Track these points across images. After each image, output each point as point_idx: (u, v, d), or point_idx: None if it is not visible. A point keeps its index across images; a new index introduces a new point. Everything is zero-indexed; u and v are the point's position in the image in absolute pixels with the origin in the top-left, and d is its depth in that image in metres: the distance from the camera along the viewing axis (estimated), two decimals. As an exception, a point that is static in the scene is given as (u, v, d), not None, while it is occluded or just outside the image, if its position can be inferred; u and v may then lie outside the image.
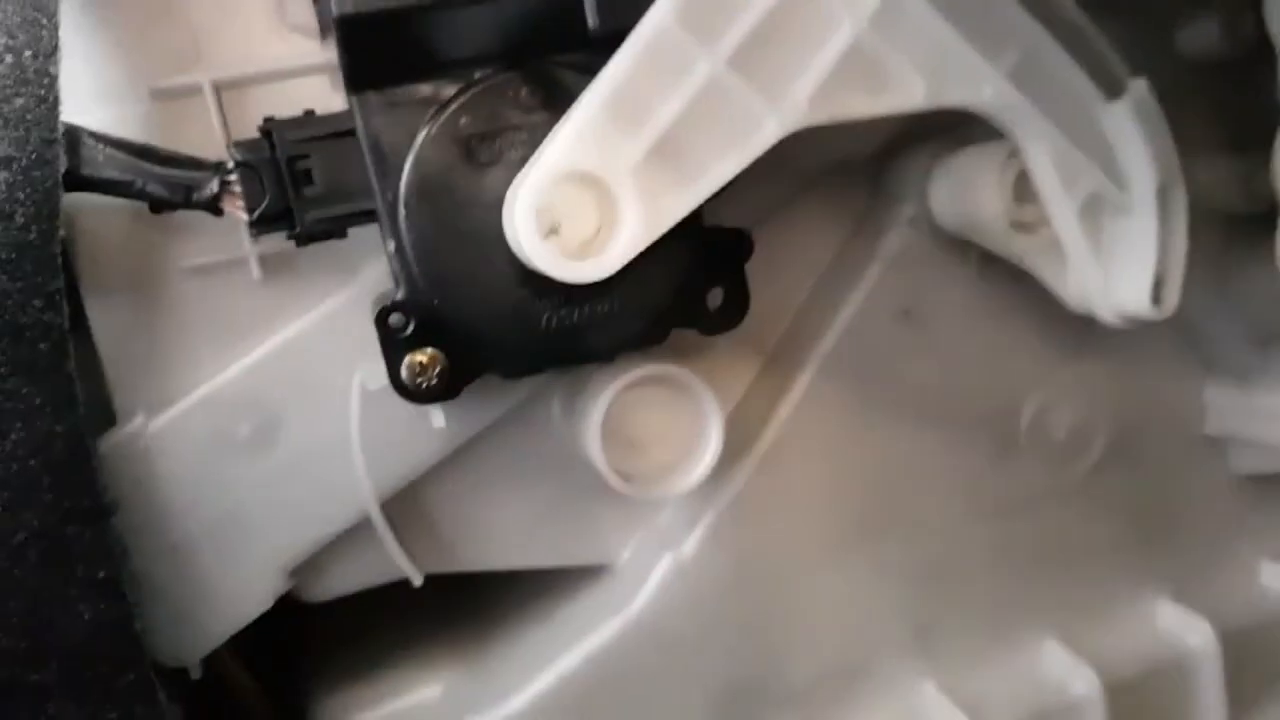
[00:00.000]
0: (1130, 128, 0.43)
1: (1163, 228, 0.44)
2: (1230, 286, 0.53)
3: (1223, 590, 0.58)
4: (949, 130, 0.51)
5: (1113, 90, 0.43)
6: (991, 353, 0.53)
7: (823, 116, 0.40)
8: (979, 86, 0.42)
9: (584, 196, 0.39)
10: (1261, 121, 0.49)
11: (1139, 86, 0.43)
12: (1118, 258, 0.45)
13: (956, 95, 0.42)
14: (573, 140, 0.38)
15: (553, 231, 0.39)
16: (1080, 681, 0.54)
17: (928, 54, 0.41)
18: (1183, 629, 0.56)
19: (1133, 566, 0.57)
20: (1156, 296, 0.44)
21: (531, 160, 0.39)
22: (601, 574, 0.52)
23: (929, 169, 0.50)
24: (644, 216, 0.39)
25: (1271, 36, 0.47)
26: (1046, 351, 0.53)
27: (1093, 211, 0.45)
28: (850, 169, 0.52)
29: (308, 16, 0.46)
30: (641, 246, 0.39)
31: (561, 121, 0.39)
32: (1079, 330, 0.53)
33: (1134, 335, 0.54)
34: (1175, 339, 0.55)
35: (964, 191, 0.48)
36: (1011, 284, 0.50)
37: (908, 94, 0.41)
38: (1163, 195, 0.44)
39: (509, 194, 0.40)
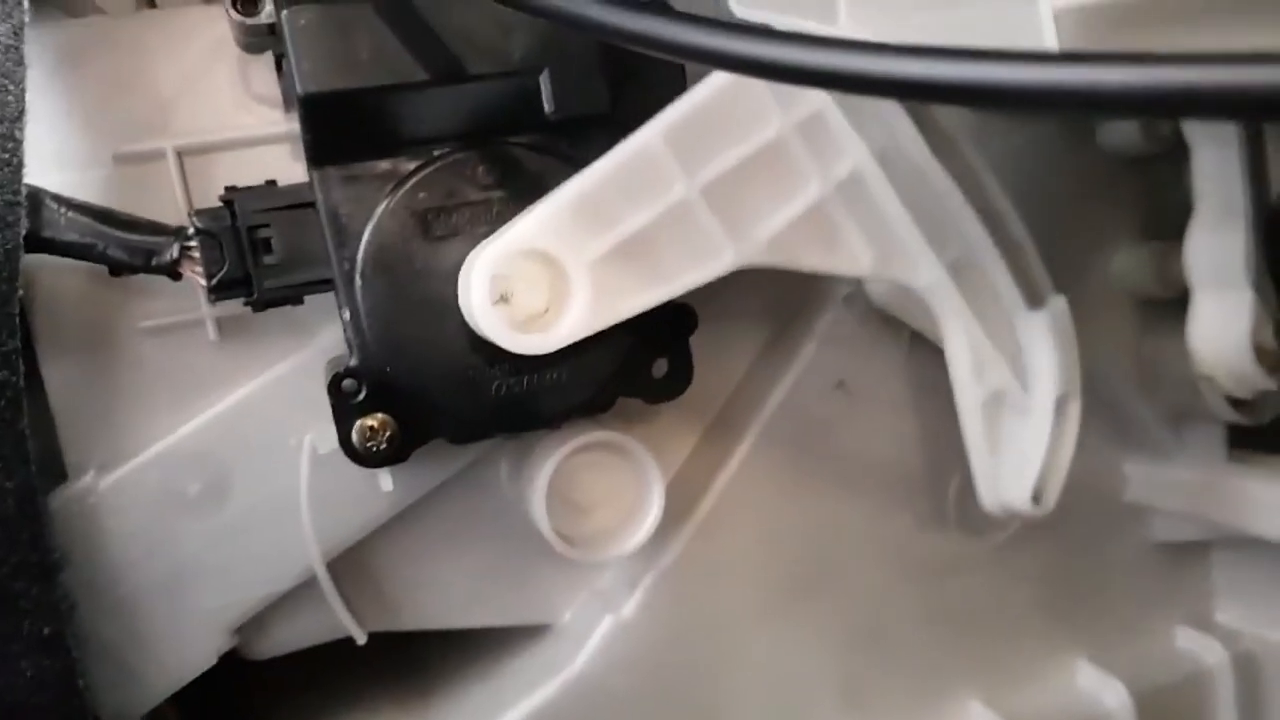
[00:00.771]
0: (1044, 338, 0.46)
1: (1055, 434, 0.47)
2: (1146, 367, 0.56)
3: (1139, 653, 0.60)
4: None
5: (1035, 301, 0.47)
6: (921, 425, 0.55)
7: (777, 260, 0.43)
8: (919, 270, 0.45)
9: (539, 274, 0.41)
10: (1176, 213, 0.52)
11: (1058, 303, 0.47)
12: (1009, 453, 0.48)
13: (898, 272, 0.45)
14: (541, 222, 0.40)
15: (503, 299, 0.41)
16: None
17: (881, 230, 0.44)
18: (1100, 690, 0.58)
19: (1054, 630, 0.59)
20: (1037, 497, 0.47)
21: (498, 233, 0.41)
22: (544, 633, 0.53)
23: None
24: (593, 308, 0.41)
25: (1185, 136, 0.50)
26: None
27: (994, 406, 0.48)
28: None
29: (271, 88, 0.47)
30: (583, 334, 0.41)
31: (537, 204, 0.41)
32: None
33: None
34: (1095, 415, 0.58)
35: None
36: (941, 361, 0.52)
37: (855, 260, 0.44)
38: (1061, 405, 0.47)
39: (469, 260, 0.42)
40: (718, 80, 0.42)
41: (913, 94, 0.27)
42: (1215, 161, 0.47)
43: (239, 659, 0.49)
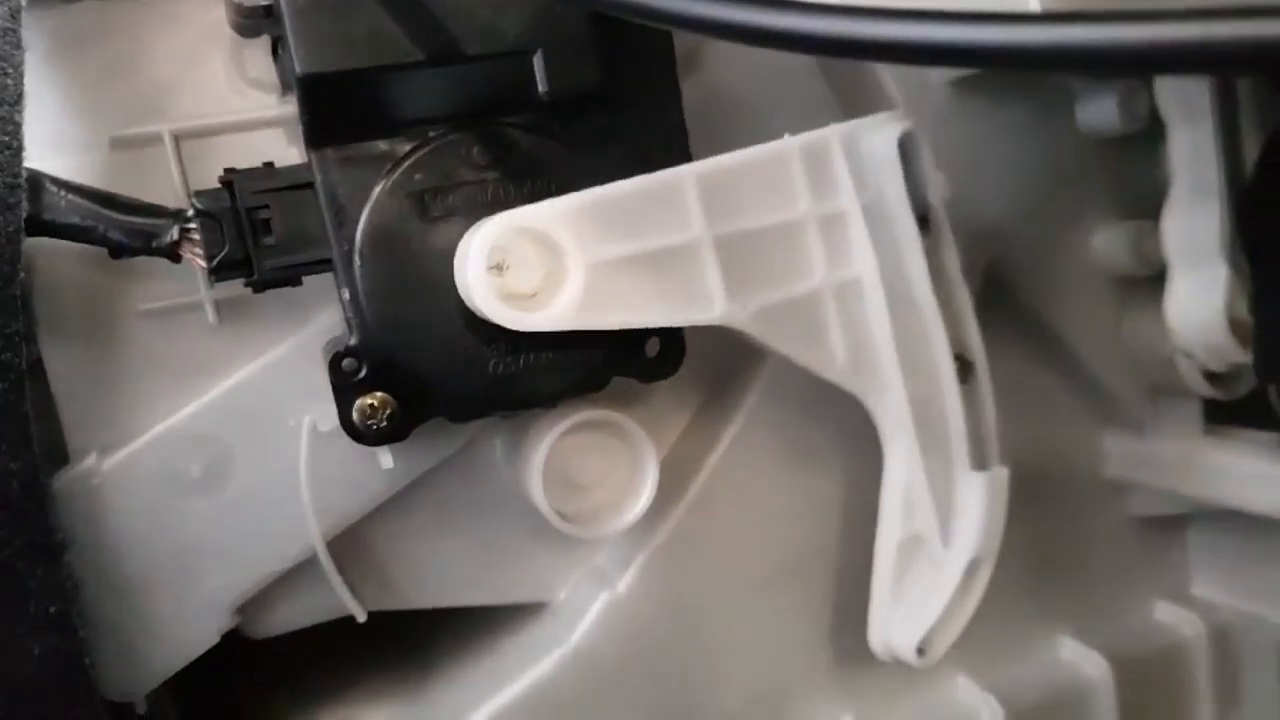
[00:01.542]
0: (979, 500, 0.48)
1: (959, 594, 0.49)
2: (1124, 342, 0.58)
3: (1119, 626, 0.62)
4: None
5: (980, 463, 0.48)
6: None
7: (759, 332, 0.45)
8: (886, 393, 0.47)
9: (537, 258, 0.42)
10: (1153, 192, 0.54)
11: (1001, 473, 0.48)
12: (910, 599, 0.49)
13: (864, 386, 0.47)
14: (558, 210, 0.41)
15: (496, 269, 0.41)
16: (986, 711, 0.57)
17: (862, 342, 0.46)
18: (1080, 661, 0.60)
19: (1036, 604, 0.60)
20: (923, 649, 0.49)
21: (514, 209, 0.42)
22: (540, 611, 0.54)
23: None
24: (577, 307, 0.42)
25: (1162, 114, 0.51)
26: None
27: (911, 548, 0.49)
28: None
29: (266, 72, 0.48)
30: (559, 328, 0.42)
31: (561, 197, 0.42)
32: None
33: (1037, 386, 0.58)
34: (1076, 392, 0.59)
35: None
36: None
37: (829, 361, 0.46)
38: (973, 567, 0.49)
39: (465, 237, 0.43)
40: (763, 149, 0.44)
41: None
42: (1190, 139, 0.49)
43: (240, 638, 0.49)
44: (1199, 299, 0.50)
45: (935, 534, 0.48)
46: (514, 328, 0.41)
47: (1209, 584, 0.64)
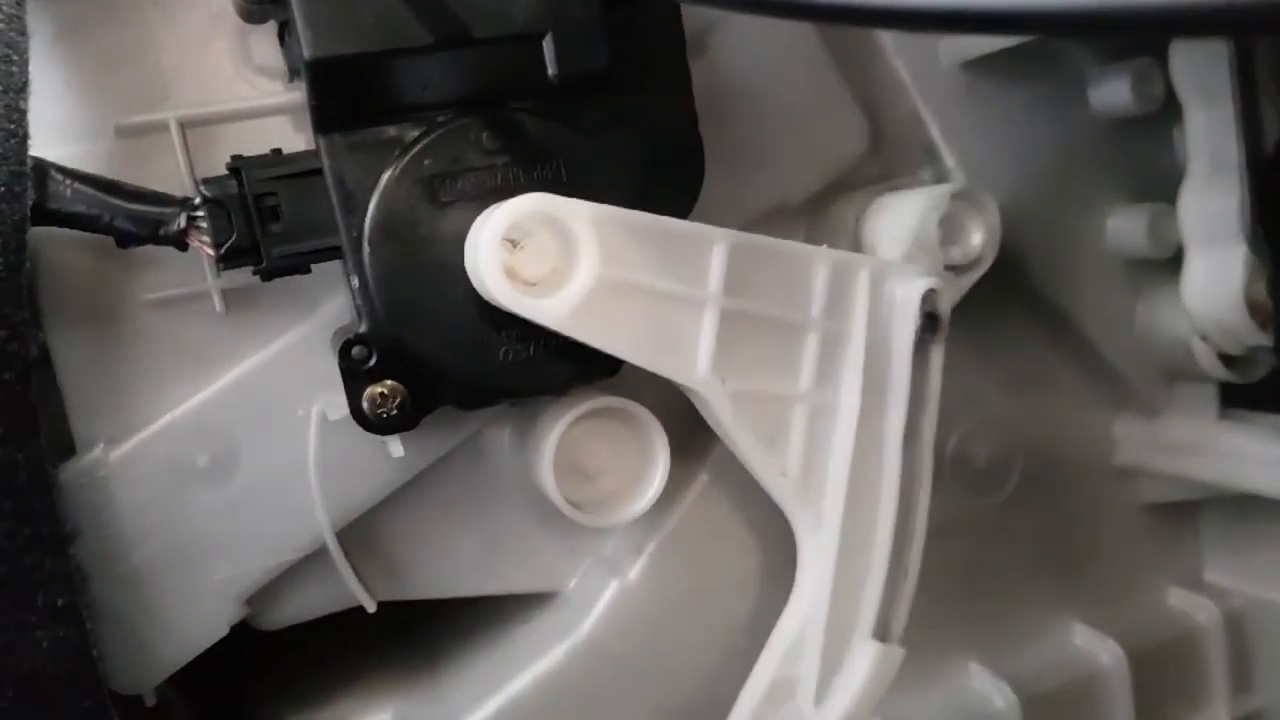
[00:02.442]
0: (866, 669, 0.47)
1: None
2: (1139, 326, 0.57)
3: (1133, 612, 0.62)
4: (879, 180, 0.54)
5: (882, 634, 0.48)
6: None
7: (723, 414, 0.45)
8: (815, 526, 0.47)
9: (552, 251, 0.42)
10: (1168, 175, 0.53)
11: (896, 651, 0.48)
12: None
13: (799, 503, 0.47)
14: (594, 213, 0.41)
15: (511, 245, 0.41)
16: (1000, 698, 0.57)
17: (817, 467, 0.47)
18: (1094, 648, 0.59)
19: (1048, 590, 0.60)
20: None
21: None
22: (550, 600, 0.53)
23: (859, 214, 0.53)
24: (572, 311, 0.41)
25: (1178, 94, 0.51)
26: (971, 384, 0.56)
27: (782, 690, 0.48)
28: (787, 212, 0.55)
29: (272, 59, 0.47)
30: (548, 323, 0.41)
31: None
32: (999, 366, 0.56)
33: (1049, 371, 0.58)
34: (1089, 375, 0.59)
35: (893, 232, 0.51)
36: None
37: (778, 473, 0.46)
38: None
39: (486, 212, 0.42)
40: (797, 246, 0.45)
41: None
42: (1208, 118, 0.48)
43: (249, 629, 0.49)
44: (1216, 280, 0.50)
45: (811, 687, 0.47)
46: (504, 304, 0.41)
47: (1222, 570, 0.63)
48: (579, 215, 0.41)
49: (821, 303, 0.45)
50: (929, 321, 0.46)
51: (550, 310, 0.41)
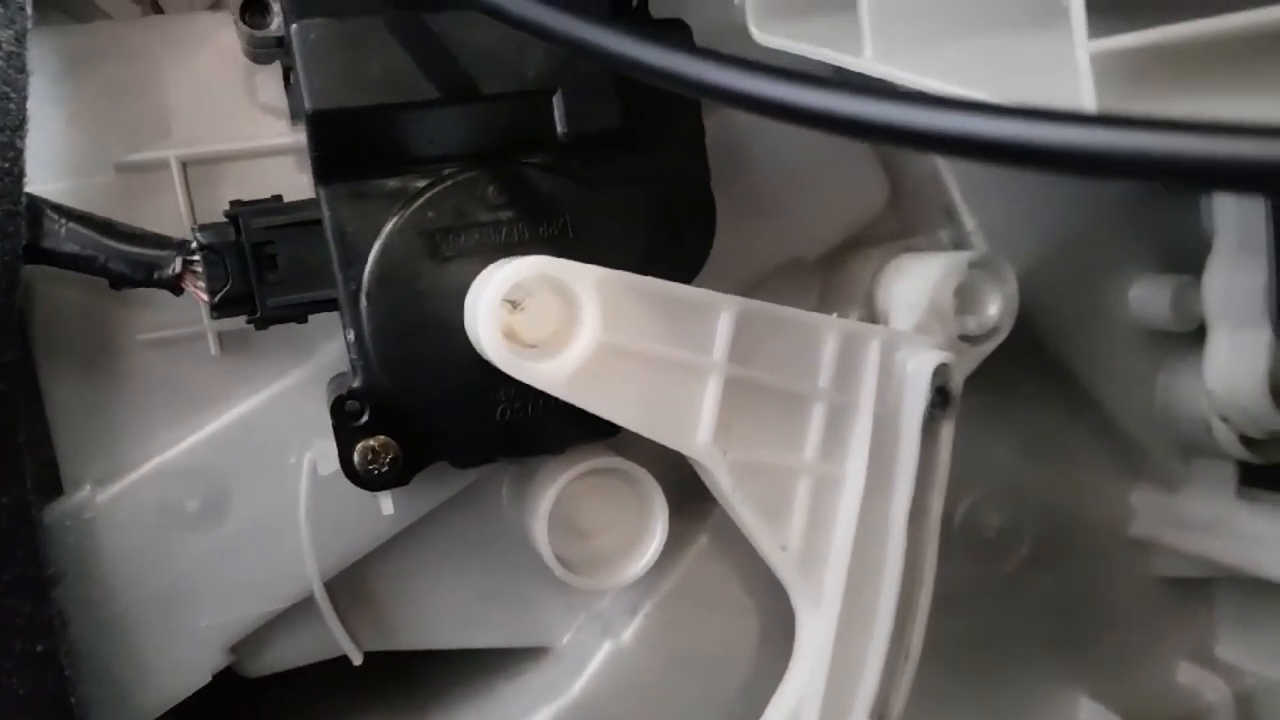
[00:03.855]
0: None
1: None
2: (1159, 399, 0.55)
3: (1141, 688, 0.60)
4: (896, 237, 0.53)
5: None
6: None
7: (724, 486, 0.44)
8: (815, 603, 0.45)
9: (554, 312, 0.41)
10: (1195, 246, 0.52)
11: None
12: None
13: (802, 590, 0.45)
14: (598, 276, 0.40)
15: (512, 306, 0.40)
16: (1002, 772, 0.56)
17: (821, 543, 0.45)
18: (1101, 726, 0.58)
19: (1055, 663, 0.59)
20: None
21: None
22: (542, 656, 0.52)
23: (875, 275, 0.52)
24: (571, 376, 0.40)
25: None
26: (982, 450, 0.55)
27: None
28: (802, 268, 0.53)
29: (277, 98, 0.46)
30: (545, 387, 0.40)
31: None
32: (1012, 432, 0.55)
33: (1065, 439, 0.56)
34: (1104, 446, 0.57)
35: (908, 298, 0.50)
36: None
37: (778, 547, 0.45)
38: None
39: (486, 271, 0.41)
40: (806, 315, 0.44)
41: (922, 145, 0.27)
42: (1238, 197, 0.46)
43: (234, 676, 0.48)
44: (1240, 362, 0.48)
45: None
46: (503, 367, 0.40)
47: (1234, 647, 0.62)
48: (582, 278, 0.40)
49: (830, 373, 0.44)
50: (940, 396, 0.45)
51: (549, 375, 0.40)
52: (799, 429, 0.44)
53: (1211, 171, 0.20)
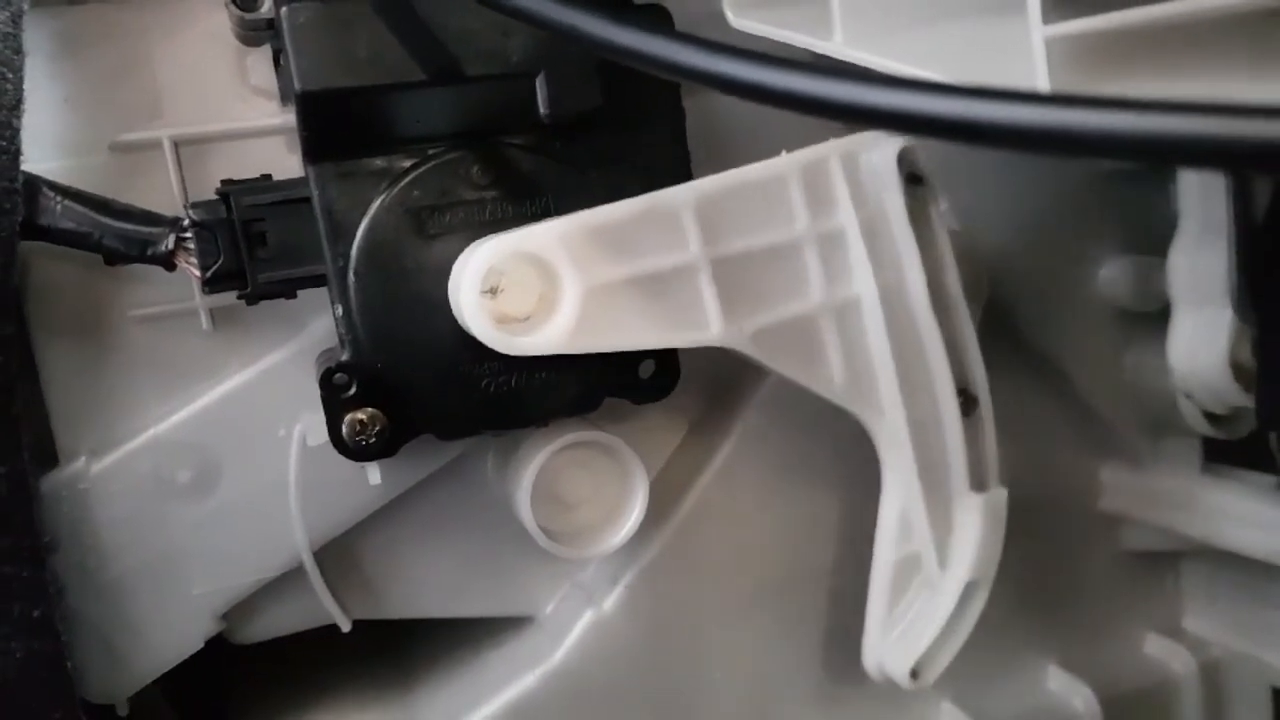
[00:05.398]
0: (976, 523, 0.47)
1: (954, 618, 0.48)
2: (1126, 378, 0.57)
3: (1108, 658, 0.62)
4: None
5: (979, 485, 0.47)
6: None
7: (756, 353, 0.44)
8: (884, 414, 0.46)
9: (533, 281, 0.41)
10: (1161, 228, 0.53)
11: (999, 494, 0.47)
12: (905, 622, 0.49)
13: (863, 407, 0.46)
14: (556, 233, 0.41)
15: (491, 292, 0.41)
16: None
17: (862, 363, 0.45)
18: (1068, 694, 0.59)
19: (1026, 633, 0.60)
20: (916, 673, 0.48)
21: (511, 230, 0.41)
22: (526, 625, 0.54)
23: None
24: (571, 331, 0.41)
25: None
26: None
27: (907, 570, 0.48)
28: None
29: (268, 80, 0.47)
30: (554, 351, 0.41)
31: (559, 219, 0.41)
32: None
33: (1036, 416, 0.58)
34: (1074, 422, 0.59)
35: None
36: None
37: (828, 381, 0.45)
38: (969, 590, 0.48)
39: (467, 250, 0.42)
40: (760, 167, 0.43)
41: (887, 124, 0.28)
42: (1201, 180, 0.48)
43: (224, 644, 0.50)
44: (1202, 340, 0.50)
45: (931, 555, 0.47)
46: (507, 352, 0.41)
47: (1201, 619, 0.63)
48: (542, 241, 0.40)
49: (804, 210, 0.44)
50: (914, 180, 0.45)
51: (550, 339, 0.41)
52: (799, 276, 0.44)
53: (1134, 145, 0.21)
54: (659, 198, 0.42)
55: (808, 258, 0.44)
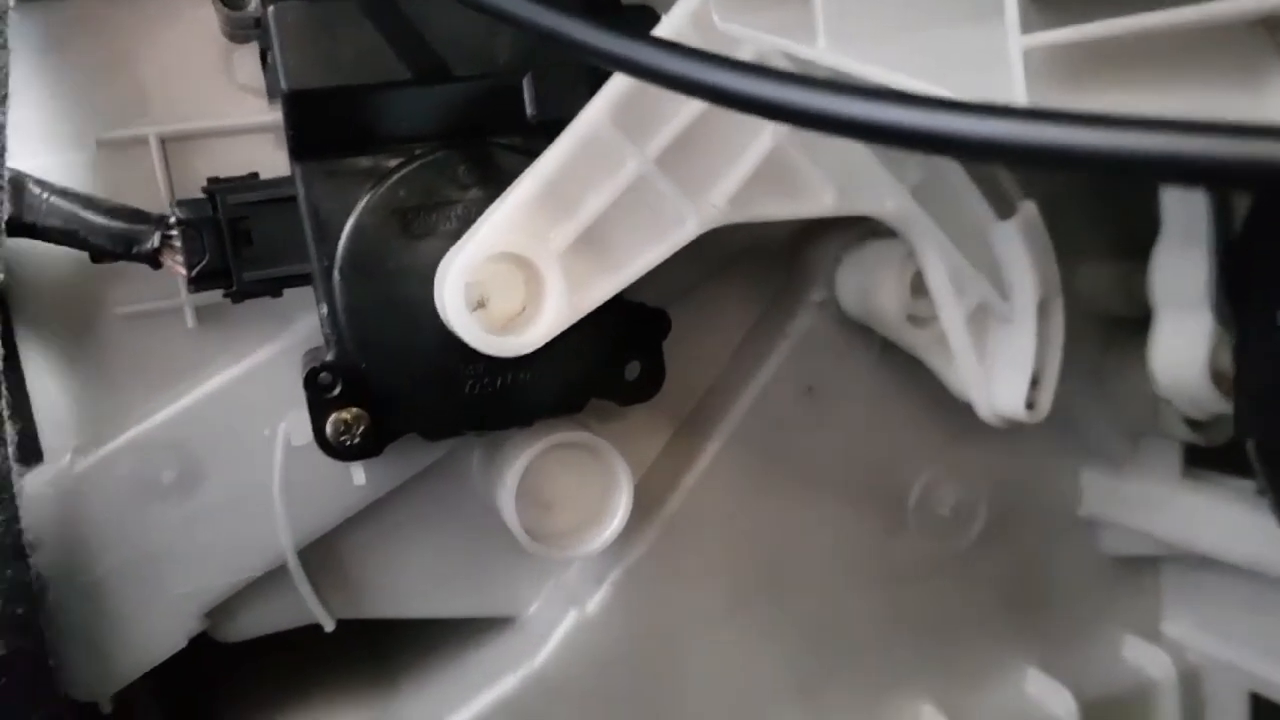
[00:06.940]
0: (1017, 245, 0.47)
1: (1040, 338, 0.48)
2: (1107, 382, 0.57)
3: (1087, 662, 0.62)
4: (857, 222, 0.54)
5: (1004, 210, 0.47)
6: (886, 432, 0.56)
7: (740, 216, 0.43)
8: (883, 200, 0.45)
9: (512, 273, 0.41)
10: (1143, 233, 0.53)
11: (1028, 208, 0.47)
12: (999, 363, 0.49)
13: (863, 205, 0.45)
14: (506, 222, 0.41)
15: (480, 304, 0.41)
16: (952, 741, 0.57)
17: (840, 167, 0.44)
18: (1047, 697, 0.60)
19: (1006, 636, 0.61)
20: (1031, 402, 0.48)
21: (465, 237, 0.41)
22: (509, 625, 0.54)
23: (838, 258, 0.53)
24: (567, 299, 0.41)
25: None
26: (936, 433, 0.57)
27: (980, 318, 0.48)
28: (767, 252, 0.55)
29: (256, 77, 0.47)
30: (563, 326, 0.41)
31: (497, 203, 0.42)
32: (966, 414, 0.57)
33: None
34: (1054, 427, 0.59)
35: (866, 283, 0.52)
36: (908, 369, 0.54)
37: (818, 201, 0.44)
38: (1043, 308, 0.48)
39: (441, 267, 0.42)
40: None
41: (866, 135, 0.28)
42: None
43: (209, 641, 0.50)
44: (1182, 347, 0.50)
45: (993, 295, 0.47)
46: (521, 353, 0.41)
47: (1181, 623, 0.64)
48: (494, 236, 0.40)
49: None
50: None
51: (552, 320, 0.41)
52: (744, 121, 0.42)
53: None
54: (575, 133, 0.41)
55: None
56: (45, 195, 0.43)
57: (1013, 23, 0.31)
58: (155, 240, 0.44)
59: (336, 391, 0.44)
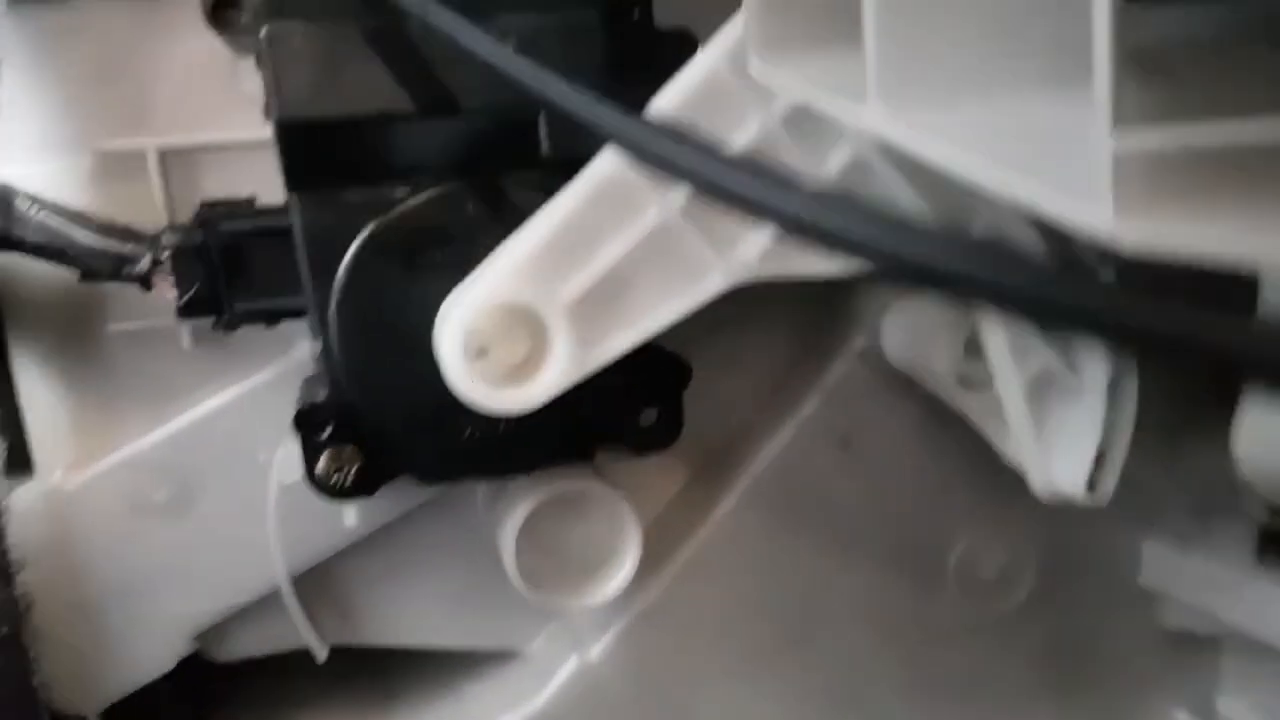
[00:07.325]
0: None
1: (1109, 417, 0.43)
2: (1181, 457, 0.52)
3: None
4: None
5: None
6: (926, 488, 0.52)
7: (772, 272, 0.39)
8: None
9: (516, 324, 0.38)
10: (1236, 297, 0.48)
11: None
12: (1060, 438, 0.44)
13: None
14: (511, 270, 0.37)
15: (482, 353, 0.38)
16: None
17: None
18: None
19: (1048, 705, 0.57)
20: (1093, 483, 0.44)
21: (468, 282, 0.38)
22: (510, 660, 0.52)
23: (886, 304, 0.49)
24: (575, 354, 0.38)
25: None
26: (981, 492, 0.52)
27: (1041, 388, 0.44)
28: (805, 290, 0.51)
29: (260, 87, 0.44)
30: (570, 383, 0.38)
31: (504, 247, 0.38)
32: (1014, 473, 0.52)
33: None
34: (1117, 493, 0.54)
35: (916, 337, 0.47)
36: (953, 424, 0.49)
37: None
38: (1115, 385, 0.43)
39: (440, 314, 0.39)
40: (687, 79, 0.37)
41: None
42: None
43: (204, 662, 0.49)
44: (1272, 430, 0.45)
45: (1058, 365, 0.43)
46: (520, 411, 0.38)
47: (1236, 702, 0.59)
48: (499, 284, 0.37)
49: (753, 101, 0.38)
50: None
51: (558, 374, 0.37)
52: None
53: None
54: (593, 175, 0.37)
55: (780, 147, 0.38)
56: (34, 211, 0.41)
57: (1103, 118, 0.24)
58: (147, 263, 0.41)
59: (329, 431, 0.42)
